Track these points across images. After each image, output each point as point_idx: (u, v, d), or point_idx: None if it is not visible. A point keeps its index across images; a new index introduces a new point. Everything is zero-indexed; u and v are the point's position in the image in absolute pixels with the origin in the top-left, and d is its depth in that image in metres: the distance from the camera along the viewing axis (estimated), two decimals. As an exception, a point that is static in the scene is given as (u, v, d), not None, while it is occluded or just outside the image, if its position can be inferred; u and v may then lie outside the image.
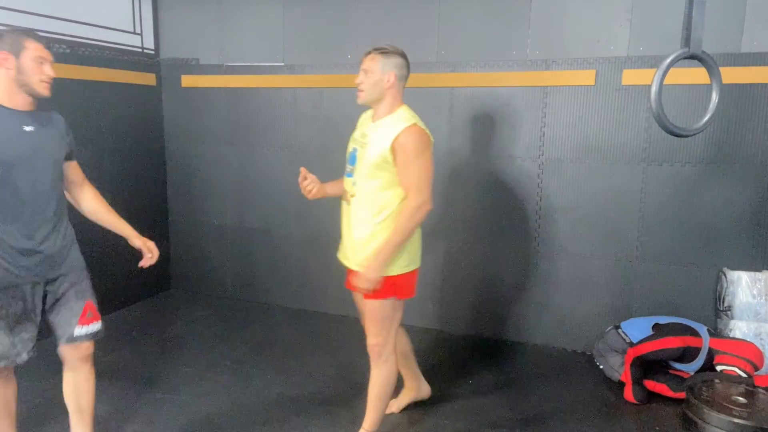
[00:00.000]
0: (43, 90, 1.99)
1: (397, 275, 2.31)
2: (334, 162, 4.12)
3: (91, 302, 2.19)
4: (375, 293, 2.30)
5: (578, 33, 3.36)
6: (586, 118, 3.39)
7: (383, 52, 2.28)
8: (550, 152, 3.49)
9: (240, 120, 4.25)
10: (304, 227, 4.20)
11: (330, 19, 3.91)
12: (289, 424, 2.71)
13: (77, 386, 2.21)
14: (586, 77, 3.34)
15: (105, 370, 3.01)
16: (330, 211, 4.11)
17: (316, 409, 2.85)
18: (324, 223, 4.13)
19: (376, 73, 2.26)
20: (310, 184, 2.44)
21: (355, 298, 2.57)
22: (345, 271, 2.53)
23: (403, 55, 2.32)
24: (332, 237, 4.17)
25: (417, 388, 2.83)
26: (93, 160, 3.82)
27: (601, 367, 3.21)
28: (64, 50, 3.59)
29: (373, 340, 2.42)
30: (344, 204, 2.43)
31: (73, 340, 2.14)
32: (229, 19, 4.18)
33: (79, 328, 2.14)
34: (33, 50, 1.95)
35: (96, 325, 2.20)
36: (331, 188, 2.54)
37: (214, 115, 4.32)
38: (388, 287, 2.31)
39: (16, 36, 1.96)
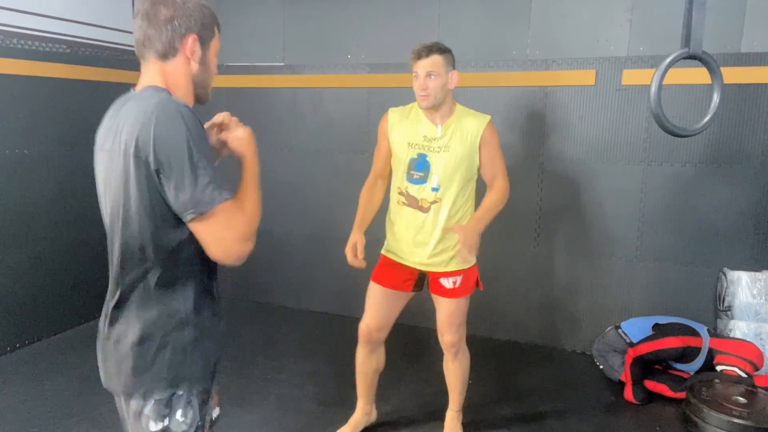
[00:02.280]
0: (209, 96, 1.46)
1: (474, 264, 2.42)
2: (334, 162, 4.16)
3: None
4: (465, 290, 2.40)
5: (578, 33, 3.36)
6: (586, 118, 3.39)
7: (443, 51, 2.17)
8: (550, 152, 3.49)
9: (240, 120, 4.23)
10: (304, 227, 4.20)
11: (330, 19, 3.91)
12: (290, 424, 2.71)
13: None
14: (586, 77, 3.34)
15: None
16: (329, 211, 4.13)
17: (316, 409, 2.85)
18: (324, 223, 4.14)
19: (442, 75, 2.16)
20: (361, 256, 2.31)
21: (389, 303, 2.43)
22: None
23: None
24: (332, 237, 4.20)
25: (369, 413, 2.67)
26: (93, 160, 3.81)
27: (601, 367, 3.21)
28: (64, 50, 3.59)
29: (453, 338, 2.41)
30: (409, 210, 2.32)
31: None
32: (229, 19, 4.17)
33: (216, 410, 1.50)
34: (217, 40, 1.38)
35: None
36: (365, 224, 2.41)
37: (214, 115, 4.30)
38: (473, 280, 2.43)
39: (210, 16, 1.33)
